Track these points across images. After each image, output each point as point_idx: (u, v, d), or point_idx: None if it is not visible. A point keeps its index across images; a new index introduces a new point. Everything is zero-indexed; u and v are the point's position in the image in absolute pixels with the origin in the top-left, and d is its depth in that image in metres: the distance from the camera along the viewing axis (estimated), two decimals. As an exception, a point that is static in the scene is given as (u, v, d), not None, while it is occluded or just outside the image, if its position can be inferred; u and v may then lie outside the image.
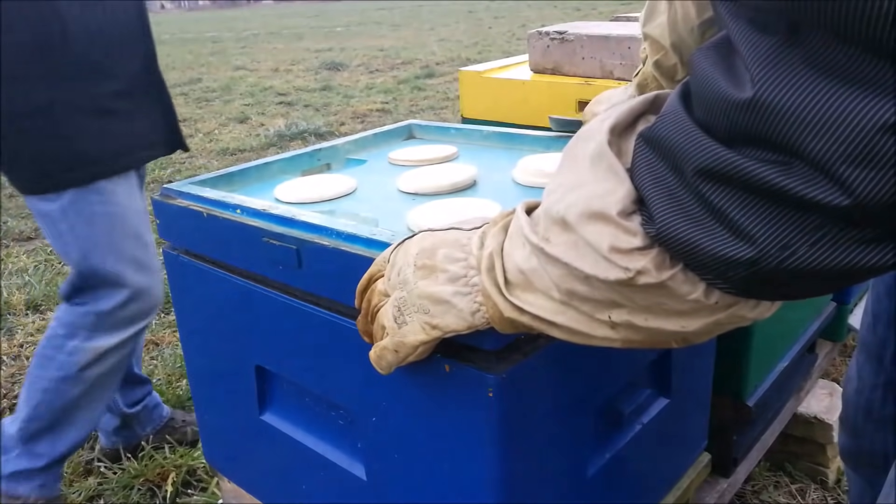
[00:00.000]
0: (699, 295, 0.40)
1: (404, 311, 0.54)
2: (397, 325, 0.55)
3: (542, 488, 0.71)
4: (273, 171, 1.02)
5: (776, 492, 1.39)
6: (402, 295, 0.55)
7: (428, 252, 0.54)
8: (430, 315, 0.53)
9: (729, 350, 1.05)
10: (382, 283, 0.58)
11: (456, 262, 0.52)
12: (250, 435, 0.94)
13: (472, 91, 1.30)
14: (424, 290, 0.53)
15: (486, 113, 1.28)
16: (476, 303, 0.51)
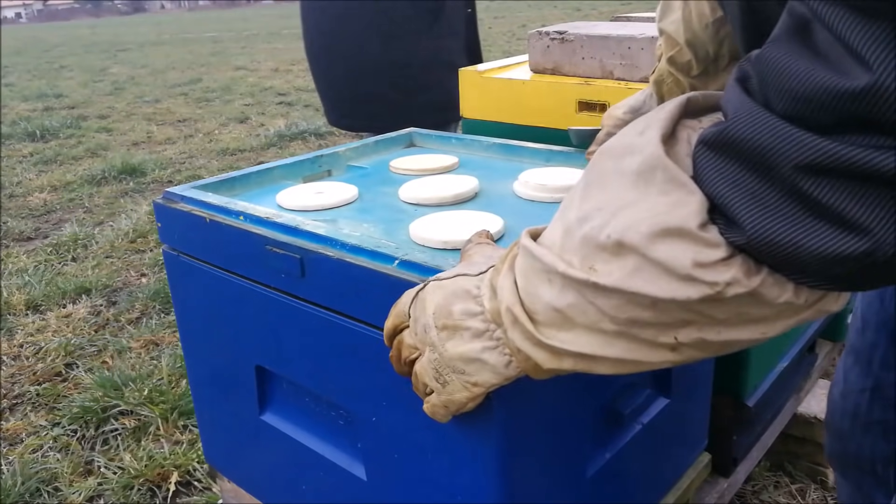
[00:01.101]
0: (789, 296, 0.39)
1: (442, 373, 0.53)
2: (440, 385, 0.54)
3: (542, 488, 0.71)
4: (274, 176, 1.02)
5: (776, 492, 1.39)
6: (435, 357, 0.53)
7: (444, 311, 0.52)
8: (468, 374, 0.52)
9: (729, 350, 1.06)
10: (410, 336, 0.56)
11: (474, 317, 0.50)
12: (250, 435, 0.94)
13: (472, 91, 1.29)
14: (453, 351, 0.51)
15: (486, 113, 1.27)
16: (505, 355, 0.49)
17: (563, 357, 0.45)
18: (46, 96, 7.42)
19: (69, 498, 1.46)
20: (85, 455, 1.60)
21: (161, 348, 2.05)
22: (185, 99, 6.94)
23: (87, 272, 2.63)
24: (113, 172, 3.97)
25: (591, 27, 1.22)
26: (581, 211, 0.42)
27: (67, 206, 3.53)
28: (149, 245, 2.91)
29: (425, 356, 0.54)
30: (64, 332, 2.17)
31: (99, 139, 5.12)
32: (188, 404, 1.73)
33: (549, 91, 1.18)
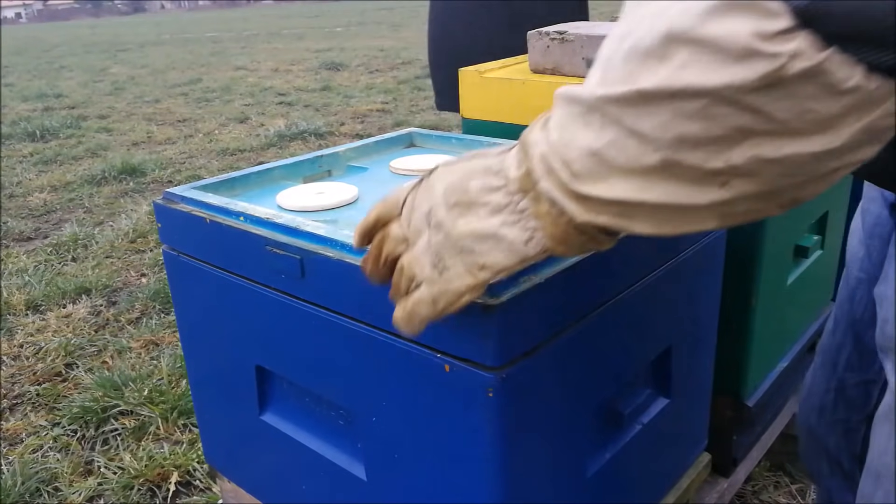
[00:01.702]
0: (859, 79, 0.33)
1: (444, 256, 0.48)
2: (438, 273, 0.49)
3: (542, 488, 0.71)
4: (274, 176, 1.02)
5: (776, 492, 1.39)
6: (438, 239, 0.49)
7: (458, 187, 0.48)
8: (476, 255, 0.47)
9: (729, 350, 1.06)
10: (398, 227, 0.51)
11: (496, 192, 0.46)
12: (250, 435, 0.94)
13: (472, 91, 1.29)
14: (465, 228, 0.47)
15: (486, 113, 1.27)
16: (528, 229, 0.45)
17: (599, 209, 0.41)
18: (46, 96, 7.42)
19: (69, 498, 1.46)
20: (85, 455, 1.60)
21: (161, 348, 2.05)
22: (185, 99, 6.94)
23: (87, 272, 2.63)
24: (113, 172, 3.97)
25: (592, 27, 1.22)
26: (622, 28, 0.38)
27: (67, 206, 3.53)
28: (149, 245, 2.91)
29: (420, 243, 0.50)
30: (64, 332, 2.17)
31: (99, 139, 5.12)
32: (188, 404, 1.73)
33: (548, 91, 1.18)
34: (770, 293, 1.08)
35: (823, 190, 0.39)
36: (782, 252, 1.11)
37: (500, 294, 0.60)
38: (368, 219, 0.55)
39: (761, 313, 1.06)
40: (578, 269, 0.67)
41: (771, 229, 1.02)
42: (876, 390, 0.83)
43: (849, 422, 0.85)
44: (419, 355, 0.66)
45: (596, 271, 0.70)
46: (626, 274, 0.75)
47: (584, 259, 0.68)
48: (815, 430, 0.90)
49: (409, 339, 0.66)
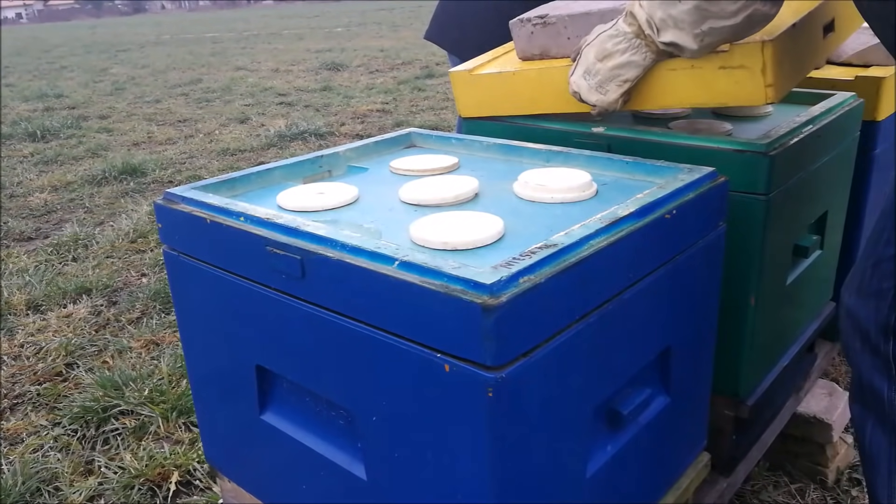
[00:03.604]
0: (735, 7, 0.74)
1: (603, 84, 0.99)
2: (602, 95, 1.00)
3: (542, 488, 0.72)
4: (275, 176, 1.02)
5: (776, 491, 1.39)
6: (598, 79, 0.99)
7: (601, 49, 0.98)
8: (621, 76, 0.98)
9: (728, 349, 1.06)
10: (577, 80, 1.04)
11: (621, 43, 0.96)
12: (250, 434, 0.94)
13: (466, 90, 1.27)
14: (613, 64, 0.98)
15: (483, 109, 1.26)
16: (643, 53, 0.96)
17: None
18: (47, 96, 7.42)
19: (70, 498, 1.46)
20: (85, 455, 1.60)
21: (161, 348, 2.05)
22: (185, 99, 6.94)
23: (87, 272, 2.63)
24: (113, 172, 3.98)
25: (570, 7, 1.20)
26: None
27: (68, 206, 3.53)
28: (149, 245, 2.91)
29: (587, 85, 1.01)
30: (64, 332, 2.17)
31: (99, 139, 5.12)
32: (188, 404, 1.73)
33: (539, 77, 1.16)
34: (769, 293, 1.08)
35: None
36: (782, 252, 1.11)
37: (499, 294, 0.61)
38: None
39: (761, 313, 1.06)
40: (578, 269, 0.68)
41: (770, 229, 1.02)
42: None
43: (880, 291, 0.95)
44: (419, 355, 0.66)
45: (596, 271, 0.70)
46: (626, 274, 0.75)
47: (584, 259, 0.68)
48: (852, 309, 1.00)
49: (410, 339, 0.67)
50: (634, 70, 0.97)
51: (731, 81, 0.97)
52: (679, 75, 1.00)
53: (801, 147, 1.05)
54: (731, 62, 0.96)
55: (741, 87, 0.96)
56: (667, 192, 0.82)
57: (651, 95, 1.03)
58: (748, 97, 0.97)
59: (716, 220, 0.91)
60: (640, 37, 0.94)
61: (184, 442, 1.62)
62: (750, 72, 0.95)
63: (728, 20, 0.85)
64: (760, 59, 0.94)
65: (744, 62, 0.95)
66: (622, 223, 0.75)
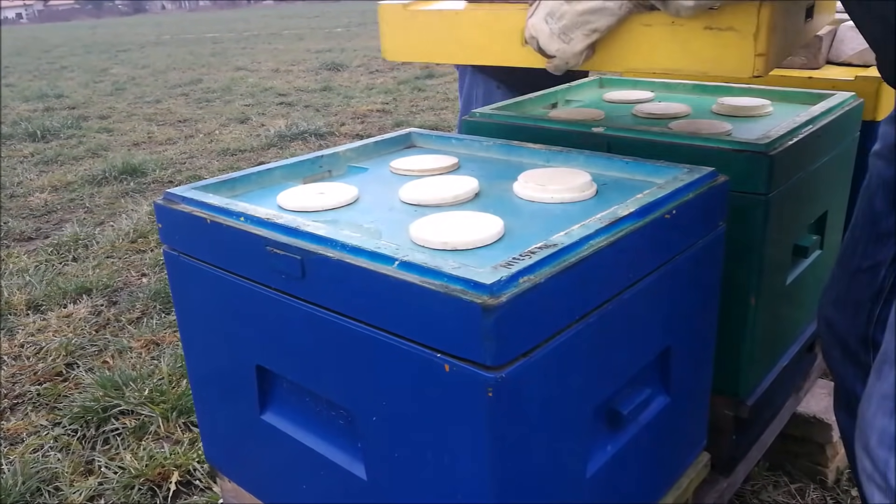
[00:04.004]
0: None
1: (568, 31, 0.86)
2: (566, 44, 0.87)
3: (542, 488, 0.72)
4: (275, 177, 1.02)
5: (775, 491, 1.39)
6: (563, 23, 0.86)
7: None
8: (590, 23, 0.85)
9: (728, 349, 1.06)
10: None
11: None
12: (251, 434, 0.94)
13: (396, 29, 1.10)
14: (583, 7, 0.85)
15: (416, 52, 1.10)
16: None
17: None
18: (47, 97, 7.42)
19: (70, 497, 1.46)
20: (85, 455, 1.60)
21: (162, 348, 2.05)
22: (185, 99, 6.94)
23: (87, 272, 2.64)
24: (114, 172, 3.98)
25: None
26: None
27: (68, 206, 3.53)
28: (149, 245, 2.91)
29: (548, 30, 0.88)
30: (65, 332, 2.17)
31: (100, 139, 5.12)
32: (189, 404, 1.73)
33: (486, 23, 1.00)
34: (769, 293, 1.08)
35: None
36: (781, 252, 1.11)
37: (499, 294, 0.61)
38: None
39: (760, 313, 1.06)
40: (578, 269, 0.68)
41: (770, 229, 1.02)
42: (882, 270, 0.95)
43: (858, 302, 0.96)
44: (419, 355, 0.66)
45: (595, 271, 0.70)
46: (626, 274, 0.75)
47: (584, 259, 0.68)
48: (831, 320, 1.01)
49: (410, 339, 0.67)
50: (607, 18, 0.84)
51: (716, 45, 0.84)
52: (655, 32, 0.87)
53: (800, 147, 1.05)
54: (719, 22, 0.82)
55: (727, 54, 0.84)
56: (667, 192, 0.82)
57: (620, 54, 0.90)
58: (734, 66, 0.84)
59: (716, 220, 0.91)
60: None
61: (184, 442, 1.62)
62: (740, 35, 0.82)
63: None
64: (754, 22, 0.81)
65: (734, 23, 0.82)
66: (622, 223, 0.75)
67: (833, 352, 1.03)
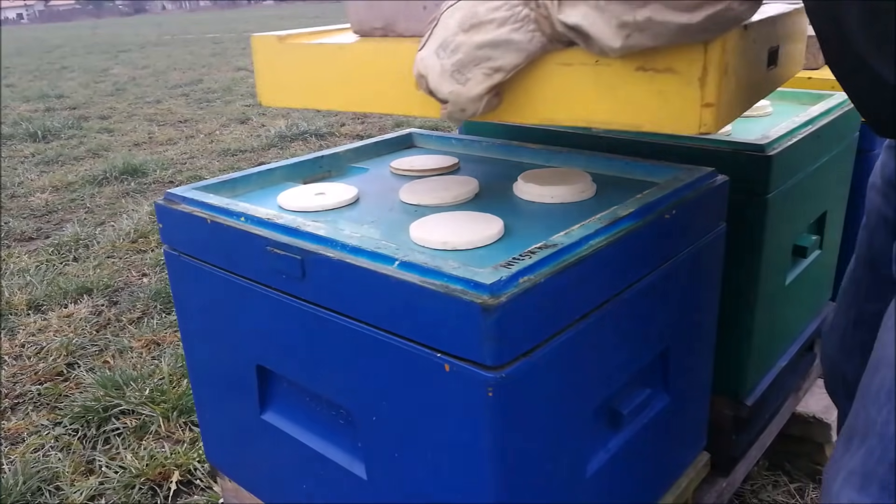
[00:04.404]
0: None
1: (464, 70, 0.64)
2: (461, 85, 0.65)
3: (542, 487, 0.72)
4: (276, 177, 1.03)
5: (775, 491, 1.39)
6: (458, 58, 0.64)
7: (468, 16, 0.63)
8: (492, 60, 0.64)
9: (728, 349, 1.06)
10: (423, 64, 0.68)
11: (499, 10, 0.62)
12: (251, 434, 0.94)
13: (271, 65, 0.89)
14: (482, 40, 0.63)
15: (291, 97, 0.88)
16: (530, 31, 0.62)
17: (570, 29, 0.60)
18: (48, 97, 7.42)
19: (70, 497, 1.47)
20: (86, 454, 1.61)
21: (162, 348, 2.06)
22: (186, 100, 6.94)
23: (88, 272, 2.64)
24: (114, 173, 3.98)
25: None
26: None
27: (69, 206, 3.54)
28: (150, 245, 2.91)
29: (440, 66, 0.65)
30: (65, 332, 2.17)
31: (100, 140, 5.12)
32: (189, 404, 1.73)
33: (376, 61, 0.79)
34: (769, 293, 1.09)
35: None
36: (781, 252, 1.12)
37: (499, 294, 0.61)
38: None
39: (760, 313, 1.07)
40: (578, 269, 0.68)
41: (770, 229, 1.02)
42: None
43: (864, 344, 0.89)
44: (419, 355, 0.66)
45: (595, 271, 0.70)
46: (626, 274, 0.76)
47: (584, 259, 0.68)
48: (835, 359, 0.97)
49: (410, 339, 0.67)
50: (513, 54, 0.63)
51: (651, 91, 0.64)
52: (576, 74, 0.66)
53: (800, 147, 1.05)
54: (655, 62, 0.62)
55: (666, 103, 0.63)
56: (667, 192, 0.82)
57: (533, 100, 0.69)
58: (675, 119, 0.64)
59: (716, 220, 0.91)
60: (529, 5, 0.61)
61: (184, 441, 1.62)
62: (682, 79, 0.62)
63: (680, 14, 0.54)
64: (700, 61, 0.61)
65: (675, 64, 0.62)
66: (622, 223, 0.75)
67: (837, 389, 1.01)
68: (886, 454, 0.64)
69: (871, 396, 0.67)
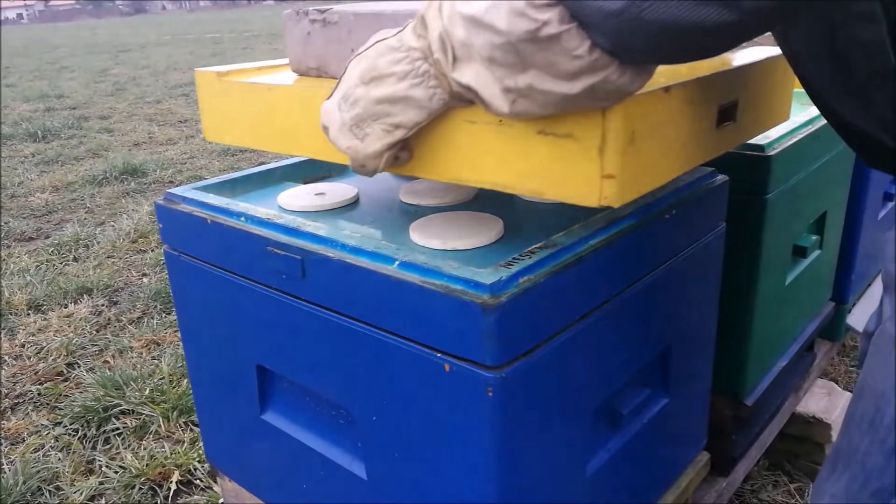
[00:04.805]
0: (584, 50, 0.48)
1: (363, 125, 0.61)
2: (360, 141, 0.62)
3: (542, 487, 0.72)
4: (275, 177, 1.03)
5: (775, 491, 1.39)
6: (356, 112, 0.61)
7: (369, 68, 0.60)
8: (391, 116, 0.60)
9: (728, 349, 1.06)
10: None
11: (399, 63, 0.58)
12: (251, 434, 0.94)
13: (212, 101, 0.87)
14: (381, 94, 0.59)
15: (233, 134, 0.87)
16: (431, 87, 0.58)
17: (467, 90, 0.56)
18: (48, 97, 7.42)
19: (70, 497, 1.47)
20: (86, 454, 1.61)
21: (162, 348, 2.06)
22: (186, 100, 6.94)
23: (88, 272, 2.64)
24: (114, 173, 3.98)
25: (366, 3, 0.83)
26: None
27: (69, 206, 3.54)
28: (150, 245, 2.91)
29: (340, 120, 0.63)
30: (65, 332, 2.17)
31: (100, 140, 5.12)
32: (189, 404, 1.73)
33: (305, 102, 0.76)
34: (769, 293, 1.09)
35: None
36: (781, 252, 1.12)
37: (499, 294, 0.61)
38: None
39: (760, 313, 1.07)
40: (578, 269, 0.68)
41: (770, 229, 1.02)
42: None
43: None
44: (419, 355, 0.66)
45: (595, 271, 0.70)
46: (626, 274, 0.76)
47: (584, 259, 0.68)
48: None
49: (410, 339, 0.67)
50: (413, 111, 0.59)
51: (553, 157, 0.59)
52: (481, 133, 0.62)
53: (800, 147, 1.05)
54: (556, 125, 0.58)
55: (567, 171, 0.59)
56: (666, 192, 0.82)
57: (441, 158, 0.65)
58: (575, 189, 0.59)
59: (716, 220, 0.91)
60: (428, 60, 0.57)
61: (184, 441, 1.62)
62: (581, 147, 0.57)
63: (560, 84, 0.51)
64: (599, 130, 0.56)
65: (574, 130, 0.57)
66: (622, 223, 0.75)
67: None
68: (868, 483, 0.64)
69: (855, 423, 0.67)
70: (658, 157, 0.64)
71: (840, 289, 1.45)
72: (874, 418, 0.64)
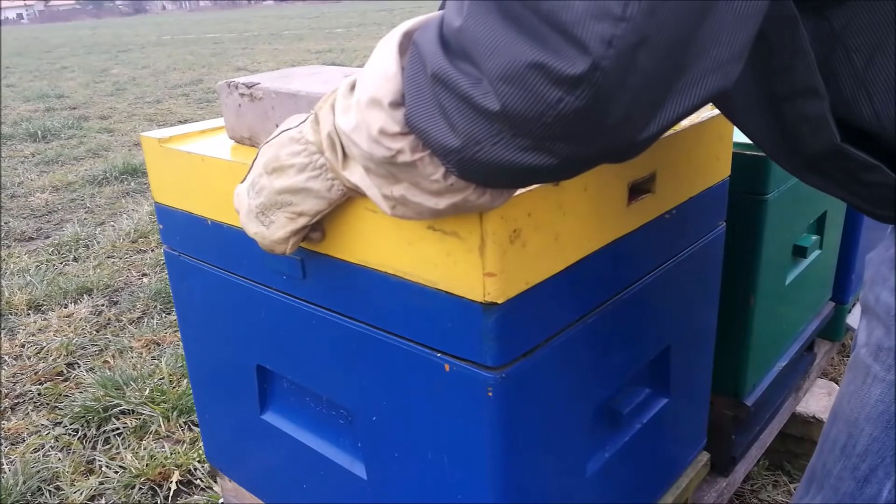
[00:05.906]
0: (440, 176, 0.50)
1: (268, 213, 0.64)
2: (265, 227, 0.64)
3: (542, 487, 0.72)
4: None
5: (775, 491, 1.39)
6: (261, 200, 0.63)
7: (273, 157, 0.61)
8: (294, 205, 0.62)
9: (728, 349, 1.06)
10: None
11: (298, 155, 0.60)
12: (251, 434, 0.94)
13: (156, 165, 0.90)
14: (282, 185, 0.61)
15: (175, 197, 0.89)
16: (329, 180, 0.60)
17: (358, 188, 0.57)
18: (48, 97, 7.42)
19: (70, 497, 1.47)
20: (86, 454, 1.61)
21: (162, 348, 2.06)
22: (186, 100, 6.94)
23: (88, 272, 2.64)
24: (114, 173, 3.98)
25: (288, 79, 0.84)
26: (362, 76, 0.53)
27: (69, 206, 3.54)
28: (150, 245, 2.91)
29: (247, 207, 0.65)
30: (65, 332, 2.18)
31: (100, 140, 5.12)
32: (189, 404, 1.73)
33: (232, 173, 0.78)
34: (769, 293, 1.09)
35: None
36: (781, 252, 1.12)
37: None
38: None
39: (760, 313, 1.07)
40: (578, 269, 0.68)
41: (770, 229, 1.02)
42: None
43: None
44: (419, 355, 0.66)
45: (595, 272, 0.70)
46: (626, 274, 0.76)
47: (584, 259, 0.68)
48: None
49: (410, 339, 0.67)
50: (313, 201, 0.61)
51: (441, 252, 0.61)
52: (380, 221, 0.65)
53: (800, 147, 1.05)
54: (443, 223, 0.60)
55: (454, 266, 0.61)
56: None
57: (350, 241, 0.68)
58: (462, 282, 0.61)
59: (716, 220, 0.91)
60: (322, 154, 0.59)
61: (184, 441, 1.62)
62: (465, 246, 0.59)
63: (428, 198, 0.52)
64: (478, 231, 0.58)
65: (458, 228, 0.59)
66: (621, 223, 0.75)
67: None
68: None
69: (828, 447, 0.68)
70: (551, 247, 0.64)
71: (840, 289, 1.45)
72: (846, 444, 0.65)
